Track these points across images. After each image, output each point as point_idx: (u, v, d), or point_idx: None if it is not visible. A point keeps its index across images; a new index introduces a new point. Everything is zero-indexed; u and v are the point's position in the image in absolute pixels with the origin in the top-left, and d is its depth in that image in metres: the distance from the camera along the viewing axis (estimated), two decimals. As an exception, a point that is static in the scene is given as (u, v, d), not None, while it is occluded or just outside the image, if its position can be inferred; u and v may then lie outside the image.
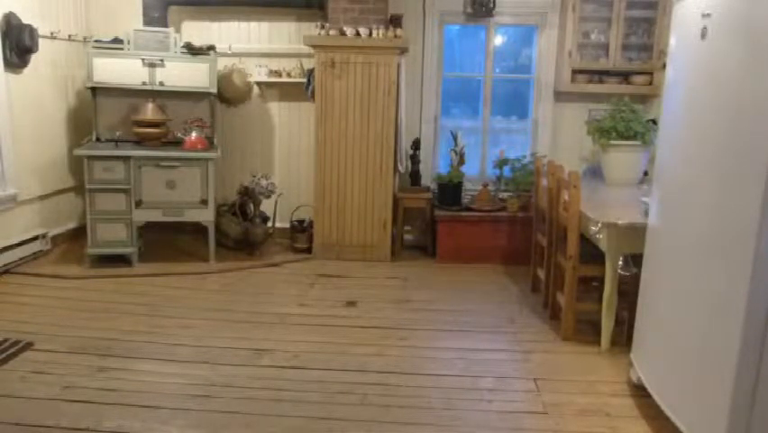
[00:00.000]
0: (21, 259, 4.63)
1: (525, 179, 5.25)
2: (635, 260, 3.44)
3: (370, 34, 4.91)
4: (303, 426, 2.72)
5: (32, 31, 4.59)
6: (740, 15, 2.21)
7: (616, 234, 3.34)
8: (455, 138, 5.40)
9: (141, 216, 4.75)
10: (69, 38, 5.21)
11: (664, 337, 2.74)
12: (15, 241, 4.58)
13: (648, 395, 2.82)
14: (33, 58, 4.74)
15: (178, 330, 3.69)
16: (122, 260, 4.77)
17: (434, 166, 5.68)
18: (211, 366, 3.23)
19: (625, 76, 5.26)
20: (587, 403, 2.95)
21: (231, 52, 5.45)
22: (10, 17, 4.47)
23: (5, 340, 3.39)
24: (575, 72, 5.26)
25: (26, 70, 4.72)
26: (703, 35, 2.43)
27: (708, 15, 2.39)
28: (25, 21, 4.57)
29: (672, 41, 2.84)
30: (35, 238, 4.81)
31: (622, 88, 5.18)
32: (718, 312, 2.25)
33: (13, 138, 4.59)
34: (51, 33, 4.96)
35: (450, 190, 5.34)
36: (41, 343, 3.40)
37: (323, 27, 4.98)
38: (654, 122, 4.66)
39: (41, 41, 4.73)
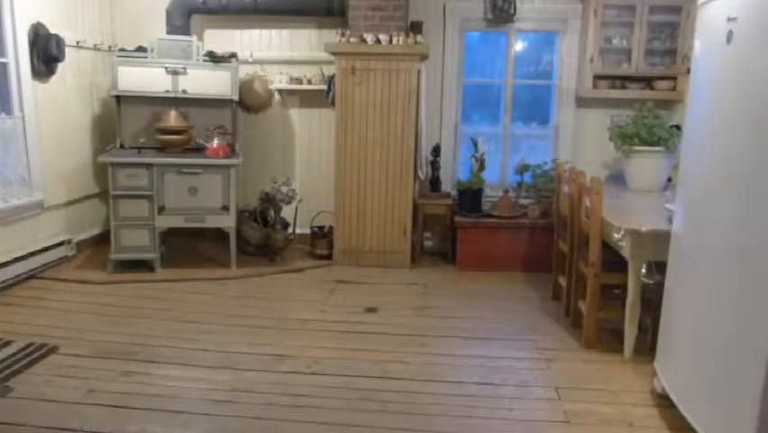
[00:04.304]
0: (46, 264, 4.71)
1: (546, 185, 5.22)
2: (659, 267, 3.40)
3: (391, 41, 4.92)
4: (323, 432, 2.71)
5: (58, 40, 4.68)
6: (767, 19, 2.17)
7: (639, 241, 3.30)
8: (476, 144, 5.38)
9: (164, 222, 4.81)
10: (95, 47, 5.30)
11: (689, 346, 2.69)
12: (41, 246, 4.66)
13: (673, 405, 2.77)
14: (60, 67, 4.83)
15: (199, 335, 3.71)
16: (144, 265, 4.83)
17: (454, 172, 5.67)
18: (232, 372, 3.25)
19: (648, 81, 5.21)
20: (609, 413, 2.91)
21: (252, 60, 5.51)
22: (38, 27, 4.57)
23: (31, 344, 3.44)
24: (597, 78, 5.21)
25: (53, 79, 4.81)
26: (728, 39, 2.40)
27: (734, 19, 2.36)
28: (52, 31, 4.67)
29: (697, 45, 2.80)
30: (60, 244, 4.88)
31: (645, 94, 5.12)
32: (745, 320, 2.21)
33: (40, 145, 4.68)
34: (77, 43, 5.05)
35: (470, 197, 5.32)
36: (66, 347, 3.45)
37: (343, 34, 5.00)
38: (678, 127, 4.61)
39: (67, 50, 4.83)
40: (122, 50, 5.12)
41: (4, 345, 3.41)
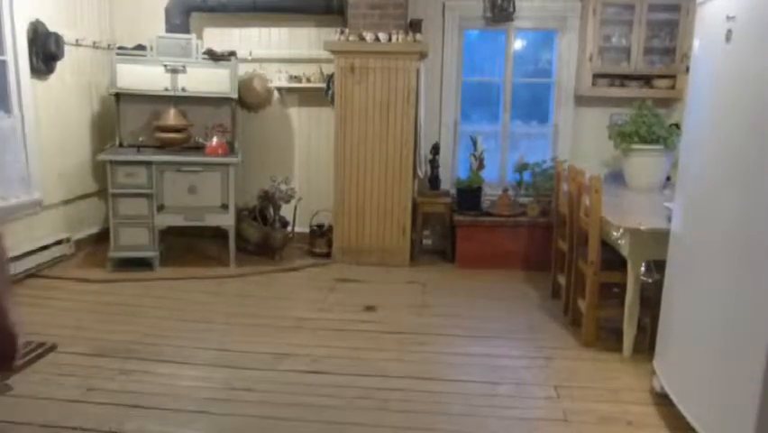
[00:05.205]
0: (45, 262, 4.70)
1: (545, 184, 5.22)
2: (658, 266, 3.40)
3: (390, 39, 4.92)
4: (322, 430, 2.72)
5: (57, 38, 4.67)
6: (766, 18, 2.17)
7: (638, 239, 3.30)
8: (475, 143, 5.37)
9: (163, 221, 4.81)
10: (94, 45, 5.29)
11: (688, 345, 2.70)
12: (40, 245, 4.65)
13: (672, 404, 2.78)
14: (59, 65, 4.82)
15: (198, 334, 3.71)
16: (144, 264, 4.82)
17: (453, 171, 5.67)
18: (231, 370, 3.25)
19: (647, 80, 5.21)
20: (608, 411, 2.91)
21: (251, 58, 5.50)
22: (37, 25, 4.56)
23: (30, 342, 3.43)
24: (596, 76, 5.21)
25: (52, 77, 4.80)
26: (728, 38, 2.40)
27: (733, 18, 2.36)
28: (51, 29, 4.65)
29: (696, 44, 2.80)
30: (59, 242, 4.88)
31: (644, 92, 5.12)
32: (744, 319, 2.21)
33: (39, 144, 4.68)
34: (76, 41, 5.05)
35: (469, 195, 5.32)
36: (65, 345, 3.45)
37: (342, 32, 5.00)
38: (677, 126, 4.61)
39: (66, 48, 4.82)
40: (121, 48, 5.12)
41: (3, 344, 3.40)
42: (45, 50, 4.60)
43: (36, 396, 2.90)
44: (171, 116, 4.96)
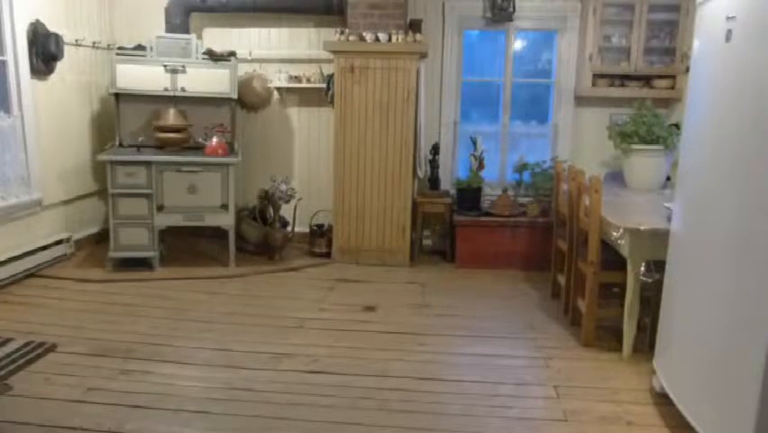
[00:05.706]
0: (45, 262, 4.70)
1: (545, 184, 5.22)
2: (657, 266, 3.40)
3: (390, 39, 4.92)
4: (322, 430, 2.72)
5: (57, 38, 4.67)
6: (766, 18, 2.17)
7: (638, 239, 3.30)
8: (475, 143, 5.38)
9: (163, 221, 4.81)
10: (94, 45, 5.29)
11: (688, 344, 2.70)
12: (40, 245, 4.65)
13: (671, 403, 2.78)
14: (59, 65, 4.82)
15: (198, 333, 3.72)
16: (143, 263, 4.82)
17: (453, 171, 5.67)
18: (231, 370, 3.25)
19: (647, 80, 5.21)
20: (608, 411, 2.91)
21: (251, 58, 5.50)
22: (36, 26, 4.56)
23: (30, 342, 3.44)
24: (596, 76, 5.21)
25: (52, 77, 4.80)
26: (728, 38, 2.40)
27: (733, 18, 2.36)
28: (51, 29, 4.66)
29: (696, 44, 2.81)
30: (59, 242, 4.88)
31: (644, 92, 5.12)
32: (744, 318, 2.21)
33: (39, 144, 4.68)
34: (76, 41, 5.05)
35: (469, 195, 5.33)
36: (65, 345, 3.45)
37: (342, 33, 5.00)
38: (677, 126, 4.61)
39: (66, 48, 4.82)
40: (120, 48, 5.12)
41: (3, 343, 3.40)
42: (45, 51, 4.60)
43: (36, 396, 2.90)
44: (171, 116, 4.95)
